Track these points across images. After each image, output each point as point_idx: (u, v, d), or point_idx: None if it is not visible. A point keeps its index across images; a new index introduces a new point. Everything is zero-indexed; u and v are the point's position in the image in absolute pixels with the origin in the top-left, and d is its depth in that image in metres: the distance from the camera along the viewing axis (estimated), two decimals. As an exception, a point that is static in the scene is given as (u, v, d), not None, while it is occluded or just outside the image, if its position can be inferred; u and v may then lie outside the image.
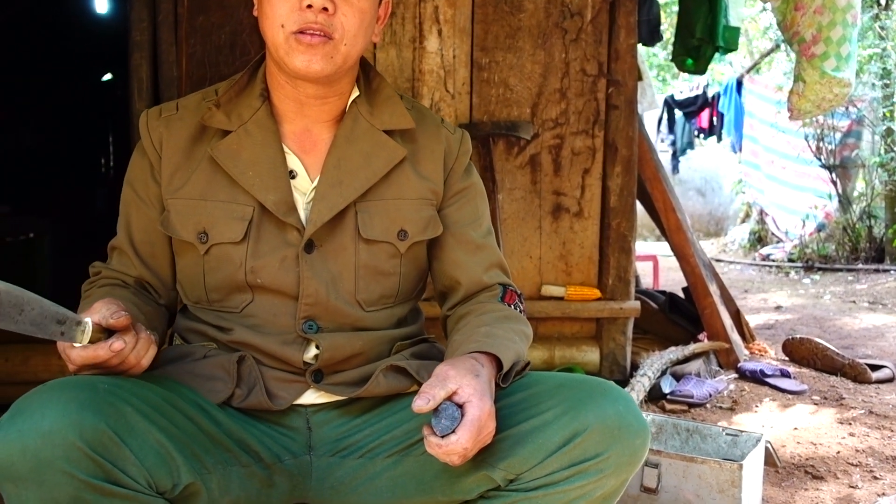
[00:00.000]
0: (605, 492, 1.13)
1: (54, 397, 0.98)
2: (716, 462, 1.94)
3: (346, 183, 1.28)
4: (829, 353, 3.50)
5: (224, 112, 1.30)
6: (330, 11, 1.21)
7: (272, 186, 1.26)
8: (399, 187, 1.33)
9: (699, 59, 3.79)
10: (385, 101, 1.36)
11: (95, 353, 1.07)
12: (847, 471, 2.39)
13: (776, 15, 3.03)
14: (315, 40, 1.21)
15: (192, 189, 1.29)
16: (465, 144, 1.43)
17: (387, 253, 1.32)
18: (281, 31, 1.22)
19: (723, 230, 11.77)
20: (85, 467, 0.95)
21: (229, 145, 1.28)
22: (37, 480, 0.94)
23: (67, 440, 0.94)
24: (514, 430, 1.14)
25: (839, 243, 8.00)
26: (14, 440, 0.94)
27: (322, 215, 1.26)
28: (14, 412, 0.98)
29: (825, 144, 8.14)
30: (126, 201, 1.36)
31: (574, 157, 3.13)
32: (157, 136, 1.32)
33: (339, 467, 1.27)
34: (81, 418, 0.96)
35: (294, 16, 1.20)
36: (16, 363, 2.88)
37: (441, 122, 1.43)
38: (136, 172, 1.35)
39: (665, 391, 2.98)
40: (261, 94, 1.32)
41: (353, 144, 1.31)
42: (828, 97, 2.94)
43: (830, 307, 5.87)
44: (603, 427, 1.10)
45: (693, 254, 3.60)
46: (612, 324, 3.23)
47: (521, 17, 3.05)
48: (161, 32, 2.88)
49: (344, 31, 1.23)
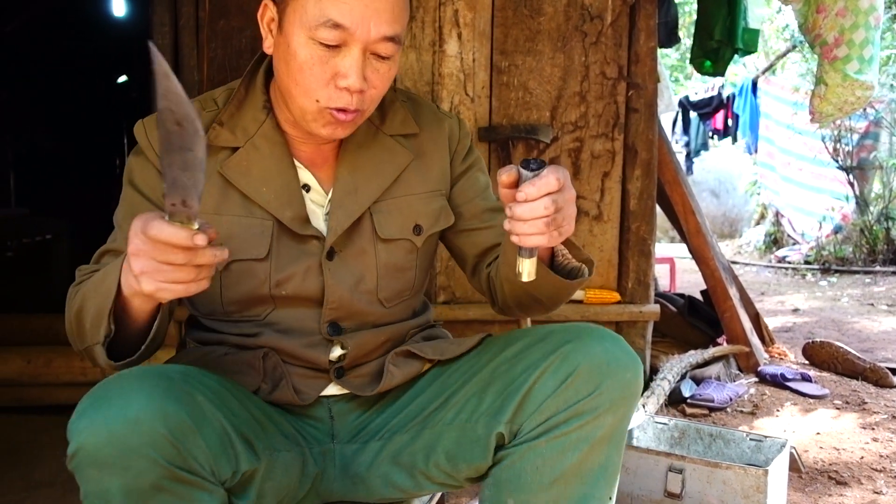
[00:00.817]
0: (604, 432, 1.14)
1: (136, 385, 0.99)
2: (741, 468, 1.93)
3: (361, 189, 1.31)
4: (850, 356, 3.48)
5: (228, 129, 1.28)
6: (365, 91, 1.20)
7: (287, 202, 1.27)
8: (408, 184, 1.36)
9: (718, 62, 3.78)
10: (390, 107, 1.38)
11: (178, 234, 0.93)
12: (871, 476, 2.38)
13: (798, 17, 3.01)
14: (347, 117, 1.21)
15: (205, 203, 1.25)
16: (464, 128, 1.47)
17: (404, 249, 1.35)
18: (313, 104, 1.20)
19: (737, 232, 11.71)
20: (167, 454, 0.97)
21: (239, 162, 1.27)
22: (122, 466, 0.95)
23: (153, 428, 0.96)
24: (512, 384, 1.18)
25: (856, 245, 7.95)
26: (100, 427, 0.95)
27: (341, 223, 1.28)
28: (95, 399, 0.98)
29: (842, 146, 8.10)
30: (132, 204, 1.28)
31: (593, 161, 3.13)
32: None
33: (361, 453, 1.29)
34: (165, 406, 0.98)
35: (330, 93, 1.18)
36: (38, 365, 2.90)
37: (437, 109, 1.46)
38: (141, 175, 1.29)
39: (685, 395, 2.97)
40: (264, 106, 1.30)
41: (363, 152, 1.33)
42: (850, 100, 2.92)
43: (848, 310, 5.83)
44: (591, 364, 1.13)
45: (712, 257, 3.59)
46: (632, 327, 3.22)
47: (541, 21, 3.04)
48: (182, 36, 2.89)
49: (372, 101, 1.24)
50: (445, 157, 1.42)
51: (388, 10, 1.18)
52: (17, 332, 3.10)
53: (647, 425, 2.34)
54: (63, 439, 2.77)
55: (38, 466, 2.46)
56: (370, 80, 1.20)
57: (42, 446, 2.63)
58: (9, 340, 3.04)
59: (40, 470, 2.44)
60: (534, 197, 1.06)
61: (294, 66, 1.18)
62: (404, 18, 1.23)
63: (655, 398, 2.79)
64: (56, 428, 2.76)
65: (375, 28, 1.17)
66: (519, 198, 1.06)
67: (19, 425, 2.82)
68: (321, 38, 1.15)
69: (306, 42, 1.17)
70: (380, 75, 1.21)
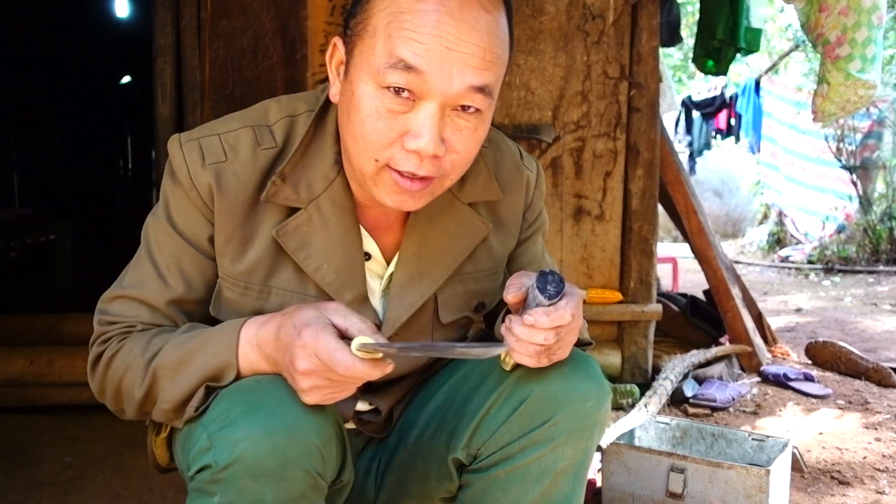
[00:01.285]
0: (565, 464, 1.09)
1: (288, 393, 0.96)
2: (743, 467, 1.93)
3: (426, 274, 1.16)
4: (853, 356, 3.47)
5: (290, 184, 1.08)
6: (441, 154, 0.99)
7: (349, 283, 1.12)
8: (479, 260, 1.21)
9: (720, 61, 3.78)
10: (472, 167, 1.13)
11: (371, 374, 0.93)
12: (874, 476, 2.37)
13: (800, 16, 3.01)
14: (416, 186, 1.01)
15: (253, 272, 1.10)
16: (540, 176, 1.28)
17: (461, 326, 1.25)
18: (371, 162, 1.01)
19: (740, 231, 11.69)
20: (316, 464, 0.95)
21: (298, 227, 1.08)
22: (279, 476, 0.92)
23: (308, 438, 0.94)
24: (470, 405, 1.13)
25: (860, 245, 7.94)
26: (261, 437, 0.91)
27: (400, 315, 1.15)
28: (250, 407, 0.93)
29: (845, 145, 8.09)
30: (167, 247, 1.10)
31: (596, 160, 3.12)
32: (206, 187, 1.07)
33: (365, 486, 1.28)
34: (317, 417, 0.96)
35: (394, 154, 0.99)
36: (41, 365, 2.91)
37: (521, 159, 1.26)
38: (183, 214, 1.10)
39: (688, 395, 2.96)
40: (336, 161, 1.10)
41: (434, 225, 1.16)
42: (852, 99, 2.91)
43: (851, 310, 5.82)
44: (545, 392, 1.06)
45: (715, 256, 3.58)
46: (634, 327, 3.22)
47: (543, 20, 3.04)
48: (184, 37, 2.90)
49: (453, 168, 1.03)
50: (518, 221, 1.25)
51: (477, 53, 0.96)
52: (20, 333, 3.10)
53: (649, 425, 2.34)
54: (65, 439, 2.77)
55: (41, 466, 2.47)
56: (450, 142, 1.00)
57: (44, 446, 2.63)
58: (12, 341, 3.04)
59: (43, 470, 2.44)
60: (542, 327, 0.97)
61: (356, 118, 0.99)
62: (500, 64, 1.01)
63: (658, 398, 2.78)
64: (59, 428, 2.78)
65: (459, 77, 0.96)
66: (527, 321, 0.97)
67: (22, 425, 2.82)
68: (390, 83, 0.96)
69: (374, 92, 0.98)
70: (463, 137, 1.00)
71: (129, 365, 1.05)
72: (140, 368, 1.04)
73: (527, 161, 1.27)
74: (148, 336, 1.06)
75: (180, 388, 1.01)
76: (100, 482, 2.35)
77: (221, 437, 0.92)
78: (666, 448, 2.28)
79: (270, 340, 0.98)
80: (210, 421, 0.95)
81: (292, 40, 2.91)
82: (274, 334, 0.98)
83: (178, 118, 2.94)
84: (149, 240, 1.12)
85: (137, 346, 1.05)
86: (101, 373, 1.10)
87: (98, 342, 1.11)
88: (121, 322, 1.09)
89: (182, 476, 1.19)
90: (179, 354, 1.02)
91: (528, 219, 1.27)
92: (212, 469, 0.92)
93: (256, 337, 1.00)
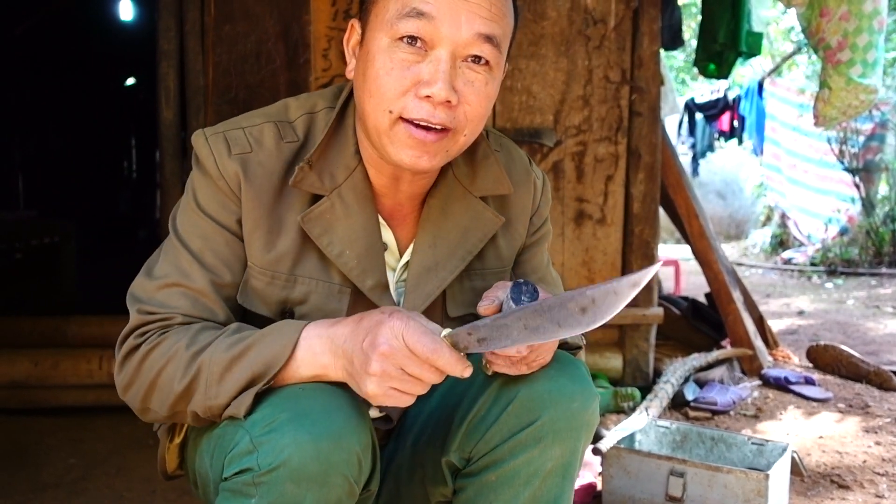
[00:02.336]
0: (553, 465, 1.10)
1: (333, 400, 0.98)
2: (742, 472, 1.94)
3: (441, 265, 1.19)
4: (854, 360, 3.48)
5: (316, 171, 1.12)
6: (453, 104, 1.03)
7: (370, 270, 1.15)
8: (488, 258, 1.24)
9: (722, 65, 3.79)
10: (482, 162, 1.21)
11: (456, 367, 0.95)
12: (873, 480, 2.38)
13: (801, 21, 3.02)
14: (430, 137, 1.04)
15: (279, 261, 1.13)
16: (546, 185, 1.32)
17: (468, 322, 1.27)
18: (386, 115, 1.04)
19: (743, 233, 11.69)
20: (355, 473, 0.97)
21: (322, 214, 1.12)
22: (321, 482, 0.94)
23: (351, 445, 0.96)
24: (457, 409, 1.15)
25: (862, 247, 7.94)
26: (307, 442, 0.93)
27: (416, 305, 1.17)
28: (296, 413, 0.96)
29: (848, 148, 8.09)
30: (198, 232, 1.12)
31: (597, 164, 3.14)
32: (233, 176, 1.11)
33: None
34: (359, 423, 0.98)
35: (407, 102, 1.03)
36: (46, 367, 2.93)
37: (529, 165, 1.30)
38: (207, 199, 1.12)
39: (689, 398, 2.98)
40: (356, 153, 1.15)
41: (448, 217, 1.19)
42: (854, 104, 2.92)
43: (854, 312, 5.82)
44: (530, 393, 1.08)
45: (716, 260, 3.59)
46: (635, 330, 3.23)
47: (545, 25, 3.05)
48: (188, 42, 2.92)
49: (466, 122, 1.06)
50: (525, 223, 1.28)
51: (484, 5, 1.02)
52: (24, 335, 3.12)
53: (650, 429, 2.35)
54: (69, 441, 2.80)
55: (45, 468, 2.48)
56: (462, 93, 1.03)
57: (49, 448, 2.65)
58: (17, 343, 3.06)
59: (47, 471, 2.46)
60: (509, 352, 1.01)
61: (371, 73, 1.04)
62: (506, 21, 1.07)
63: (659, 401, 2.79)
64: (63, 430, 2.79)
65: (468, 24, 1.01)
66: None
67: (26, 427, 2.84)
68: (403, 31, 1.01)
69: (388, 45, 1.03)
70: (475, 89, 1.04)
71: (171, 357, 1.04)
72: (184, 361, 1.03)
73: (535, 168, 1.31)
74: (193, 330, 1.06)
75: (235, 382, 1.01)
76: (103, 484, 2.37)
77: (266, 442, 0.94)
78: (666, 452, 2.30)
79: (348, 331, 0.99)
80: (253, 425, 0.96)
81: (295, 45, 2.93)
82: (354, 323, 0.99)
83: (181, 122, 2.96)
84: (178, 229, 1.13)
85: (182, 340, 1.04)
86: (134, 365, 1.07)
87: (135, 334, 1.08)
88: (160, 313, 1.08)
89: (191, 481, 1.20)
90: (233, 352, 1.01)
91: (535, 223, 1.30)
92: (253, 472, 0.94)
93: (329, 331, 1.00)
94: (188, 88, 2.94)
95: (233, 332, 1.05)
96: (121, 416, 2.86)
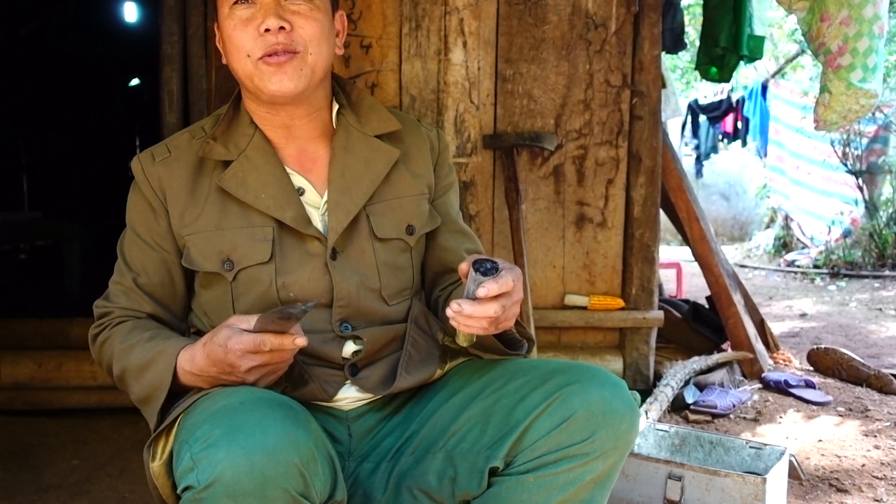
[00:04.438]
0: (593, 476, 1.18)
1: (269, 414, 1.03)
2: (739, 476, 1.95)
3: (354, 189, 1.37)
4: (855, 363, 3.48)
5: (221, 143, 1.36)
6: (288, 29, 1.27)
7: (286, 203, 1.33)
8: (398, 187, 1.42)
9: (723, 68, 3.79)
10: (370, 109, 1.44)
11: (283, 341, 1.15)
12: (872, 484, 2.39)
13: (802, 26, 3.02)
14: (282, 59, 1.28)
15: (207, 222, 1.33)
16: (443, 140, 1.54)
17: (399, 248, 1.41)
18: (248, 61, 1.29)
19: (747, 235, 11.68)
20: (297, 484, 1.00)
21: (234, 174, 1.33)
22: (258, 496, 0.97)
23: (289, 458, 0.99)
24: (510, 421, 1.21)
25: (865, 250, 7.92)
26: (240, 457, 0.96)
27: (341, 221, 1.34)
28: (230, 429, 1.00)
29: (851, 150, 8.07)
30: (128, 245, 1.40)
31: (598, 168, 3.15)
32: (157, 180, 1.36)
33: (374, 475, 1.32)
34: (297, 436, 1.01)
35: (257, 43, 1.27)
36: (49, 369, 2.95)
37: (418, 122, 1.53)
38: (137, 217, 1.38)
39: (688, 401, 2.98)
40: (251, 122, 1.38)
41: (351, 153, 1.39)
42: (854, 108, 2.92)
43: (856, 315, 5.82)
44: (588, 412, 1.16)
45: (717, 263, 3.60)
46: (636, 333, 3.24)
47: (546, 29, 3.07)
48: (191, 46, 2.94)
49: (306, 42, 1.30)
50: (429, 165, 1.49)
51: None
52: (28, 337, 3.14)
53: (648, 432, 2.36)
54: (72, 442, 2.82)
55: (48, 469, 2.50)
56: (293, 21, 1.28)
57: (52, 450, 2.67)
58: (20, 344, 3.09)
59: (50, 473, 2.48)
60: (490, 300, 1.13)
61: (226, 37, 1.31)
62: None
63: (658, 404, 2.80)
64: (66, 431, 2.81)
65: None
66: (479, 294, 1.12)
67: (30, 428, 2.86)
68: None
69: (229, 12, 1.30)
70: (302, 16, 1.29)
71: (113, 352, 1.33)
72: (117, 355, 1.31)
73: (426, 125, 1.54)
74: (127, 328, 1.33)
75: (142, 388, 1.27)
76: (106, 485, 2.39)
77: (203, 458, 0.98)
78: (664, 455, 2.31)
79: (202, 360, 1.21)
80: (194, 441, 1.02)
81: (297, 49, 2.94)
82: (205, 352, 1.20)
83: (184, 125, 2.97)
84: (120, 240, 1.42)
85: (119, 338, 1.33)
86: (96, 351, 1.39)
87: (94, 325, 1.40)
88: (107, 307, 1.38)
89: None
90: (141, 362, 1.27)
91: (440, 174, 1.51)
92: (194, 489, 0.98)
93: (192, 365, 1.22)
94: (191, 92, 2.96)
95: (147, 340, 1.29)
96: (124, 417, 2.88)
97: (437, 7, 2.99)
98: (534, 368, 1.26)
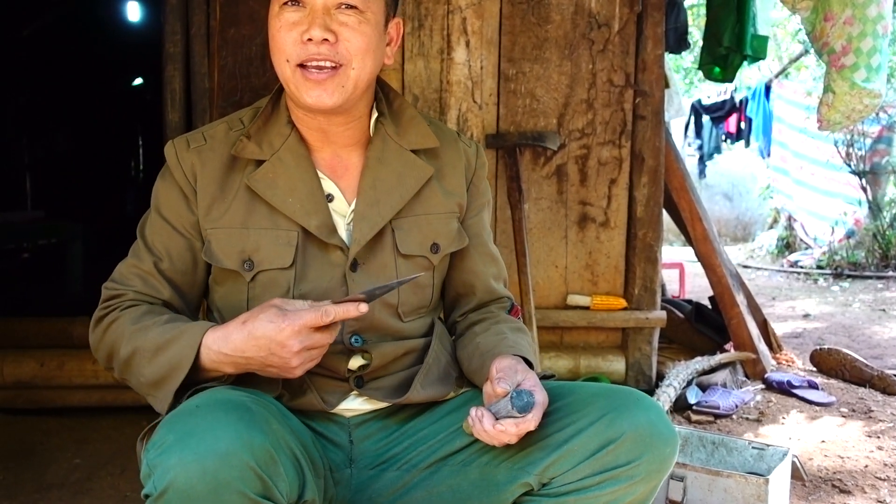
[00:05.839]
0: (634, 498, 1.18)
1: (222, 417, 1.01)
2: (742, 476, 1.95)
3: (382, 202, 1.33)
4: (858, 364, 3.47)
5: (255, 142, 1.32)
6: (332, 41, 1.23)
7: (313, 210, 1.30)
8: (428, 203, 1.39)
9: (727, 68, 3.78)
10: (409, 122, 1.40)
11: (347, 308, 1.14)
12: (875, 485, 2.38)
13: (805, 25, 3.01)
14: (322, 75, 1.24)
15: (233, 218, 1.30)
16: (481, 157, 1.49)
17: (421, 266, 1.38)
18: (287, 66, 1.26)
19: (750, 235, 11.66)
20: (254, 486, 0.99)
21: (265, 174, 1.30)
22: (213, 501, 0.96)
23: (242, 461, 0.98)
24: (550, 439, 1.20)
25: (869, 250, 7.91)
26: (192, 462, 0.96)
27: (364, 234, 1.31)
28: (182, 434, 0.99)
29: (855, 150, 8.06)
30: (153, 228, 1.34)
31: (600, 168, 3.14)
32: (189, 167, 1.32)
33: (377, 480, 1.31)
34: (251, 438, 1.00)
35: (298, 49, 1.24)
36: (51, 368, 2.95)
37: (458, 137, 1.48)
38: (167, 202, 1.34)
39: (691, 402, 2.98)
40: (288, 122, 1.35)
41: (385, 165, 1.36)
42: (857, 108, 2.91)
43: (859, 315, 5.81)
44: (636, 435, 1.16)
45: (720, 264, 3.59)
46: (638, 333, 3.23)
47: (548, 29, 3.06)
48: (194, 45, 2.93)
49: (351, 57, 1.25)
50: (463, 183, 1.44)
51: None
52: (31, 336, 3.14)
53: (651, 432, 2.36)
54: (74, 441, 2.81)
55: (50, 468, 2.50)
56: (340, 32, 1.24)
57: (54, 448, 2.67)
58: (23, 343, 3.08)
59: (52, 471, 2.48)
60: (510, 434, 1.14)
61: (272, 42, 1.28)
62: None
63: (661, 405, 2.79)
64: (68, 430, 2.81)
65: None
66: (497, 427, 1.14)
67: (32, 427, 2.86)
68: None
69: (277, 13, 1.26)
70: (349, 29, 1.24)
71: (122, 333, 1.24)
72: (127, 337, 1.23)
73: (465, 140, 1.49)
74: (141, 311, 1.26)
75: (157, 368, 1.19)
76: (108, 484, 2.39)
77: (157, 464, 0.98)
78: (667, 455, 2.30)
79: (240, 340, 1.14)
80: (150, 447, 1.01)
81: (300, 48, 2.94)
82: (243, 331, 1.14)
83: (187, 124, 2.97)
84: (141, 224, 1.37)
85: (131, 318, 1.25)
86: (99, 333, 1.29)
87: (101, 306, 1.31)
88: (118, 289, 1.31)
89: None
90: (159, 341, 1.19)
91: (473, 193, 1.47)
92: (151, 496, 0.98)
93: (224, 345, 1.16)
94: (194, 91, 2.96)
95: (165, 322, 1.22)
96: (125, 416, 2.88)
97: (440, 6, 2.99)
98: (574, 392, 1.25)
